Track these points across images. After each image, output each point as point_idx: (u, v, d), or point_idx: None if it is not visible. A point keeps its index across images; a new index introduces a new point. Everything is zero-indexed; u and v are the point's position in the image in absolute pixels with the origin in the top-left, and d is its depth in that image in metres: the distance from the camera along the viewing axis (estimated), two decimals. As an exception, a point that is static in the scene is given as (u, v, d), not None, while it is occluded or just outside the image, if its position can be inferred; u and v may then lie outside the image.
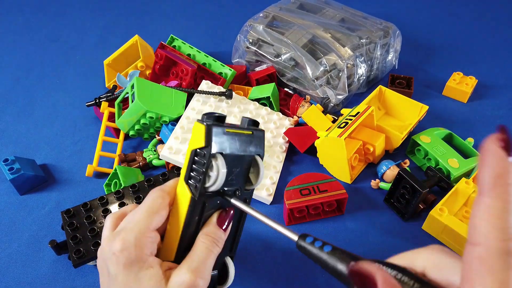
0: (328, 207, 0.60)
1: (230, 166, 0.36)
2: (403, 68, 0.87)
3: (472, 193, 0.59)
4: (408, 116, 0.71)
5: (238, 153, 0.37)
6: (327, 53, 0.74)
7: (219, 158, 0.35)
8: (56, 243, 0.54)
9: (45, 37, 1.00)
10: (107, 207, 0.57)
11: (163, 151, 0.63)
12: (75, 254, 0.51)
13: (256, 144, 0.39)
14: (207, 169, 0.35)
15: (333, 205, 0.60)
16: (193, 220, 0.37)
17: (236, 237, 0.42)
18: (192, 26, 1.02)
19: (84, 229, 0.54)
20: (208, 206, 0.37)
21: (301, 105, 0.73)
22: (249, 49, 0.80)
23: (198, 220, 0.38)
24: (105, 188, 0.65)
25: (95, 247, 0.52)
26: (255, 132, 0.38)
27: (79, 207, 0.57)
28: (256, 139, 0.39)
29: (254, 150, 0.38)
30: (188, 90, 0.71)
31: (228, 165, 0.36)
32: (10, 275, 0.56)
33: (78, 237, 0.53)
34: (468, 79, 0.80)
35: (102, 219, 0.56)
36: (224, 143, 0.35)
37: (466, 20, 1.01)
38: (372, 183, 0.65)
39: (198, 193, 0.36)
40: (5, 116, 0.80)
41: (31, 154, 0.72)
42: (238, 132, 0.37)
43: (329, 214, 0.61)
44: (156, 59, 0.75)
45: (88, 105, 0.75)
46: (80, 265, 0.51)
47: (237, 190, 0.39)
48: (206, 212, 0.38)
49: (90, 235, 0.53)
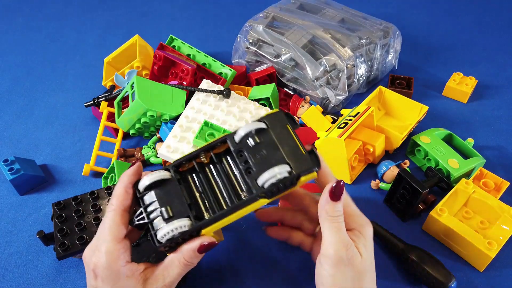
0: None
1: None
2: (403, 69, 0.87)
3: (472, 193, 0.59)
4: (408, 117, 0.71)
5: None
6: (327, 54, 0.74)
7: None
8: (43, 233, 0.54)
9: (45, 37, 1.00)
10: (97, 202, 0.58)
11: (160, 149, 0.64)
12: (60, 247, 0.52)
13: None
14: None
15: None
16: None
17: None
18: (192, 26, 1.02)
19: (72, 222, 0.55)
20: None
21: (301, 106, 0.73)
22: (249, 50, 0.80)
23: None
24: (103, 181, 0.65)
25: (80, 241, 0.53)
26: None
27: (70, 200, 0.58)
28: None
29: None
30: (187, 88, 0.71)
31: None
32: (10, 275, 0.56)
33: (65, 229, 0.54)
34: (468, 79, 0.80)
35: (90, 213, 0.57)
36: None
37: (466, 20, 1.01)
38: (372, 183, 0.65)
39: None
40: (5, 116, 0.80)
41: (31, 154, 0.72)
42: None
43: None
44: (155, 60, 0.75)
45: (87, 105, 0.75)
46: (64, 257, 0.53)
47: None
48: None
49: (77, 229, 0.54)
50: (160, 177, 0.42)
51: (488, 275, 0.55)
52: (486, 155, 0.68)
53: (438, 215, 0.56)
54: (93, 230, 0.55)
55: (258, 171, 0.41)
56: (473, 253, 0.54)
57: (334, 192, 0.41)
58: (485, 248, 0.53)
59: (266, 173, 0.40)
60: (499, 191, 0.62)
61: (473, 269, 0.55)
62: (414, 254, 0.53)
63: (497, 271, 0.55)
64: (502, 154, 0.70)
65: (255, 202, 0.41)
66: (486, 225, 0.58)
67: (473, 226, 0.58)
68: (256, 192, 0.40)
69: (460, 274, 0.55)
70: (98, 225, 0.55)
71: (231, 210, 0.41)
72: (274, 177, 0.40)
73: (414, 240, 0.58)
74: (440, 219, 0.56)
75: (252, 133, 0.42)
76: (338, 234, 0.41)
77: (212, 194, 0.44)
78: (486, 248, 0.53)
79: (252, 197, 0.40)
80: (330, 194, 0.41)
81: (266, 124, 0.43)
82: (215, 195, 0.44)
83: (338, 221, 0.41)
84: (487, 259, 0.53)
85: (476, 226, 0.58)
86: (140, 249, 0.54)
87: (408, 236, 0.58)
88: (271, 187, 0.40)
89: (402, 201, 0.59)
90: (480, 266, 0.55)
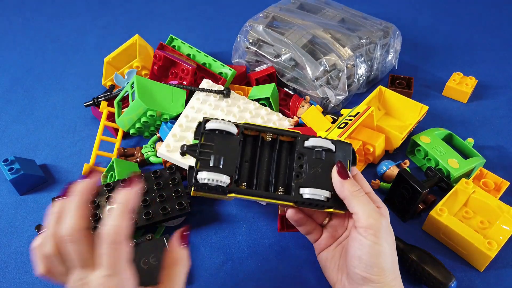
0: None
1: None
2: (403, 68, 0.87)
3: (472, 193, 0.59)
4: (408, 117, 0.71)
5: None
6: (327, 54, 0.74)
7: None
8: (42, 228, 0.54)
9: (45, 37, 1.00)
10: (95, 199, 0.58)
11: (160, 148, 0.64)
12: None
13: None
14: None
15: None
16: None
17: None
18: (192, 26, 1.02)
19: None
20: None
21: (301, 106, 0.73)
22: (249, 49, 0.80)
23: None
24: (102, 179, 0.65)
25: None
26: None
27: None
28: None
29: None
30: (187, 88, 0.71)
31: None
32: (10, 275, 0.56)
33: None
34: (468, 79, 0.80)
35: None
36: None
37: (466, 20, 1.01)
38: (372, 183, 0.65)
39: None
40: (5, 116, 0.80)
41: (31, 154, 0.72)
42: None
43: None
44: (155, 60, 0.75)
45: (87, 105, 0.75)
46: None
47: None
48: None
49: None
50: (227, 129, 0.45)
51: (488, 275, 0.55)
52: (486, 155, 0.68)
53: (438, 215, 0.56)
54: (90, 226, 0.55)
55: (305, 182, 0.45)
56: (473, 253, 0.54)
57: (340, 171, 0.45)
58: (485, 248, 0.53)
59: (310, 190, 0.44)
60: (499, 191, 0.62)
61: (473, 269, 0.55)
62: (414, 254, 0.53)
63: (497, 271, 0.55)
64: (502, 154, 0.70)
65: (285, 201, 0.45)
66: (486, 225, 0.58)
67: (473, 226, 0.58)
68: (293, 197, 0.45)
69: (460, 274, 0.55)
70: (95, 221, 0.55)
71: (263, 195, 0.45)
72: (314, 195, 0.44)
73: (414, 240, 0.58)
74: (440, 219, 0.56)
75: (321, 148, 0.47)
76: (370, 205, 0.43)
77: (257, 169, 0.48)
78: (486, 248, 0.53)
79: (286, 198, 0.45)
80: (340, 175, 0.44)
81: (335, 148, 0.47)
82: (259, 171, 0.48)
83: (362, 193, 0.44)
84: (487, 259, 0.53)
85: (476, 226, 0.58)
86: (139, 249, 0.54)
87: (408, 236, 0.58)
88: (306, 200, 0.45)
89: (402, 201, 0.59)
90: (480, 266, 0.55)
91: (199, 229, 0.60)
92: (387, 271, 0.42)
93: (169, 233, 0.59)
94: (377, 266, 0.42)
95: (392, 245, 0.44)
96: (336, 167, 0.45)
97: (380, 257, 0.42)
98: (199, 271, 0.55)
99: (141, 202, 0.58)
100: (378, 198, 0.47)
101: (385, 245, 0.42)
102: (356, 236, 0.43)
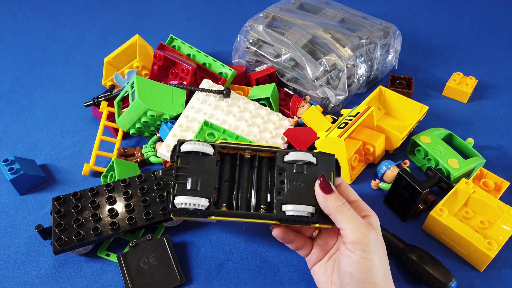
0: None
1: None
2: (403, 68, 0.87)
3: (472, 193, 0.59)
4: (408, 117, 0.71)
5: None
6: (327, 54, 0.74)
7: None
8: (42, 228, 0.54)
9: (45, 37, 1.00)
10: (96, 199, 0.58)
11: (160, 148, 0.64)
12: (57, 242, 0.53)
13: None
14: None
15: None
16: None
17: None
18: (192, 26, 1.02)
19: (70, 217, 0.56)
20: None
21: (301, 106, 0.73)
22: (249, 49, 0.80)
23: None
24: (102, 179, 0.66)
25: (77, 237, 0.53)
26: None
27: (69, 196, 0.58)
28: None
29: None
30: (187, 88, 0.71)
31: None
32: (10, 275, 0.56)
33: (63, 224, 0.54)
34: (468, 79, 0.80)
35: (89, 210, 0.57)
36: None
37: (466, 20, 1.01)
38: (372, 183, 0.65)
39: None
40: (5, 116, 0.80)
41: (31, 154, 0.72)
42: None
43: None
44: (155, 59, 0.75)
45: (87, 105, 0.75)
46: (60, 252, 0.53)
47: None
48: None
49: (75, 224, 0.55)
50: (203, 150, 0.45)
51: (488, 275, 0.55)
52: (486, 155, 0.68)
53: (438, 215, 0.56)
54: (90, 226, 0.55)
55: (287, 198, 0.44)
56: (473, 253, 0.54)
57: (323, 186, 0.43)
58: (485, 248, 0.53)
59: (293, 206, 0.43)
60: (499, 191, 0.62)
61: (473, 269, 0.55)
62: (414, 254, 0.53)
63: (497, 271, 0.55)
64: (502, 154, 0.70)
65: (269, 220, 0.44)
66: (486, 225, 0.58)
67: (473, 226, 0.58)
68: (276, 215, 0.44)
69: (460, 274, 0.55)
70: (95, 221, 0.56)
71: (245, 215, 0.44)
72: (297, 212, 0.43)
73: (414, 240, 0.58)
74: (440, 219, 0.56)
75: (301, 162, 0.45)
76: (356, 219, 0.42)
77: (237, 188, 0.47)
78: (486, 248, 0.53)
79: (269, 216, 0.44)
80: (322, 190, 0.43)
81: (317, 160, 0.46)
82: (240, 190, 0.46)
83: (347, 207, 0.43)
84: (487, 259, 0.53)
85: (476, 226, 0.58)
86: (139, 249, 0.54)
87: (408, 236, 0.58)
88: (290, 217, 0.43)
89: (402, 201, 0.59)
90: (480, 266, 0.55)
91: (199, 229, 0.60)
92: (378, 285, 0.41)
93: (169, 233, 0.59)
94: (368, 282, 0.41)
95: (383, 257, 0.43)
96: (319, 181, 0.44)
97: (371, 273, 0.41)
98: (199, 271, 0.55)
99: (141, 202, 0.58)
100: (366, 206, 0.46)
101: (375, 259, 0.41)
102: (344, 251, 0.42)
